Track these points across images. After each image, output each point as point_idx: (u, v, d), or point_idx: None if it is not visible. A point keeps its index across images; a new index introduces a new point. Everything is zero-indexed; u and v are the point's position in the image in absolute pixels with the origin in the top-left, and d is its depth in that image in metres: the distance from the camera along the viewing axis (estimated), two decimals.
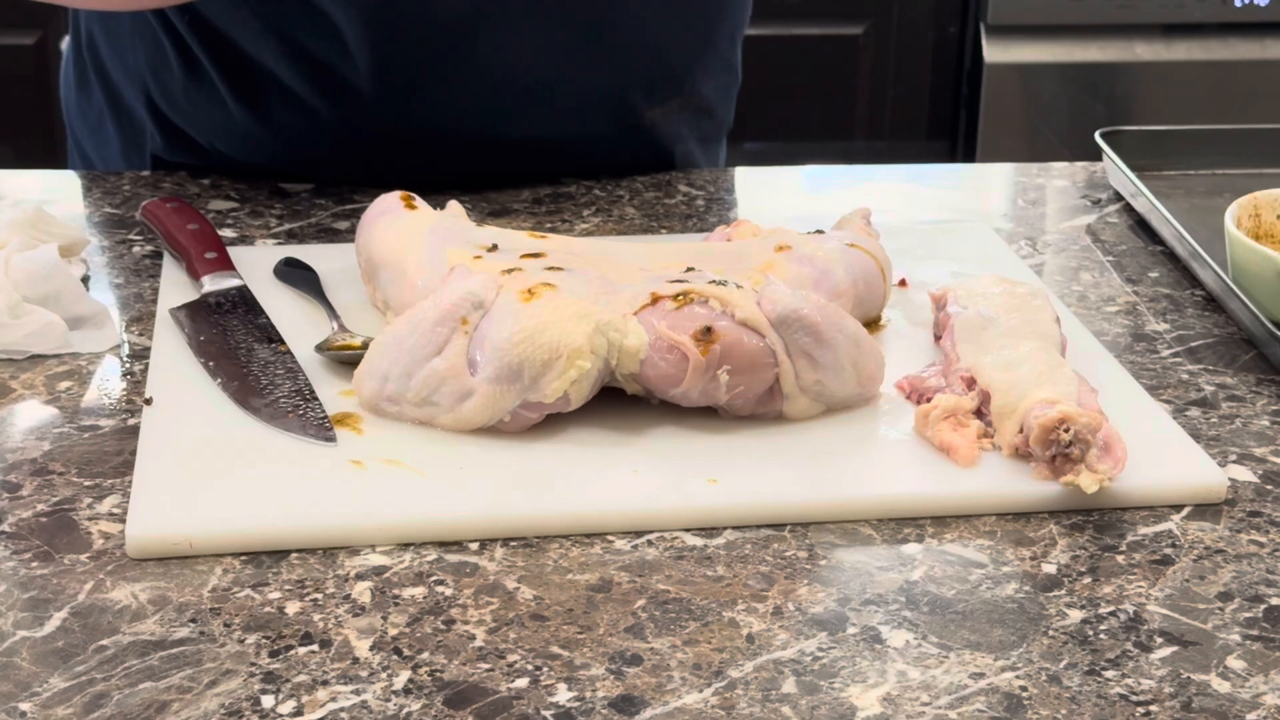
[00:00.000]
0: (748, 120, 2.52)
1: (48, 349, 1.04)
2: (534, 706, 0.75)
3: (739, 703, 0.75)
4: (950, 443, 0.93)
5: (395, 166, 1.31)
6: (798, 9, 2.56)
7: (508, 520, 0.87)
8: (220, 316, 1.06)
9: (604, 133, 1.36)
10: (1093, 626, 0.81)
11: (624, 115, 1.36)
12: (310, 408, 0.96)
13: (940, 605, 0.82)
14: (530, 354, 0.92)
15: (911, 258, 1.18)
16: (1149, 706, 0.76)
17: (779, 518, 0.89)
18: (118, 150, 1.42)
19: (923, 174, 1.46)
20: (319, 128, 1.31)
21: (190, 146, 1.36)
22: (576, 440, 0.95)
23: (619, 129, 1.36)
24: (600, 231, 1.26)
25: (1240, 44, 2.61)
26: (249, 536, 0.85)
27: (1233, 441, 0.98)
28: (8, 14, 2.42)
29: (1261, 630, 0.81)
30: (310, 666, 0.77)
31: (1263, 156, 1.39)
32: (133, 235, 1.22)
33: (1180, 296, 1.18)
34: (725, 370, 0.94)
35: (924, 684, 0.77)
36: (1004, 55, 2.56)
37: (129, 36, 1.37)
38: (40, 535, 0.86)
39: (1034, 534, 0.89)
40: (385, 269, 1.06)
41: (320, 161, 1.34)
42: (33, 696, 0.74)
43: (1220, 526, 0.90)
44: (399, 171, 1.30)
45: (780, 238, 1.07)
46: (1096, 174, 1.41)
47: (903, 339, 1.08)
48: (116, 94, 1.40)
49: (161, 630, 0.79)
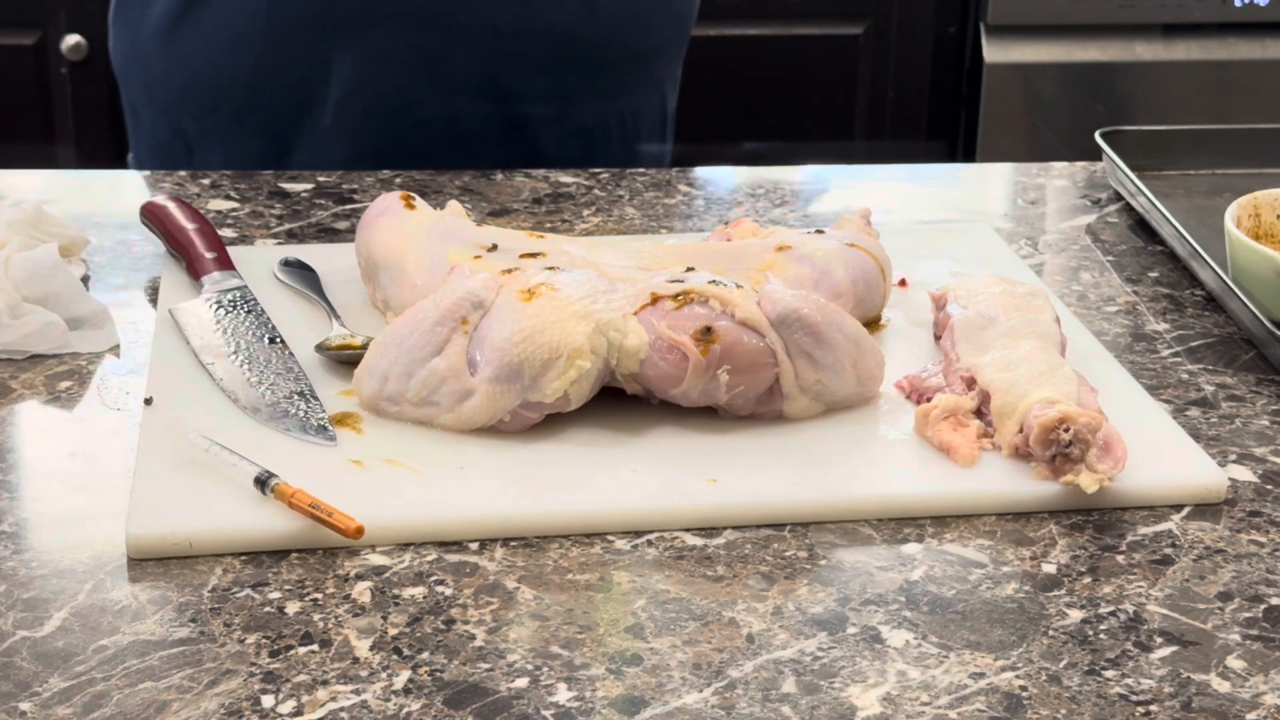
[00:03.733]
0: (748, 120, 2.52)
1: (48, 349, 1.04)
2: (534, 706, 0.75)
3: (739, 702, 0.75)
4: (950, 443, 0.93)
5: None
6: (798, 9, 2.55)
7: (508, 520, 0.87)
8: (220, 316, 1.06)
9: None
10: (1093, 626, 0.81)
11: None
12: (310, 408, 0.96)
13: (940, 605, 0.82)
14: (530, 354, 0.92)
15: (911, 258, 1.18)
16: (1149, 706, 0.76)
17: (779, 518, 0.89)
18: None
19: (923, 174, 1.46)
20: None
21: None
22: (576, 440, 0.95)
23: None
24: (600, 231, 1.26)
25: (1240, 44, 2.61)
26: (249, 536, 0.85)
27: (1233, 441, 0.98)
28: (8, 14, 2.42)
29: (1261, 630, 0.81)
30: (310, 666, 0.77)
31: (1263, 156, 1.39)
32: (133, 235, 1.22)
33: (1180, 296, 1.18)
34: (725, 370, 0.94)
35: (924, 684, 0.77)
36: (1004, 55, 2.56)
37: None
38: (40, 535, 0.86)
39: (1034, 534, 0.89)
40: (385, 269, 1.06)
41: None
42: (33, 696, 0.74)
43: (1220, 526, 0.90)
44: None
45: (780, 238, 1.07)
46: (1096, 174, 1.41)
47: (903, 339, 1.08)
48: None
49: (161, 630, 0.79)
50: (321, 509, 0.85)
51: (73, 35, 2.39)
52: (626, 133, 1.51)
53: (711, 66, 2.36)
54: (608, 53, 1.46)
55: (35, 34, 2.42)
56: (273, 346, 1.02)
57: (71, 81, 2.42)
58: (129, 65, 1.50)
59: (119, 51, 1.50)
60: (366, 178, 1.34)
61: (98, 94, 2.43)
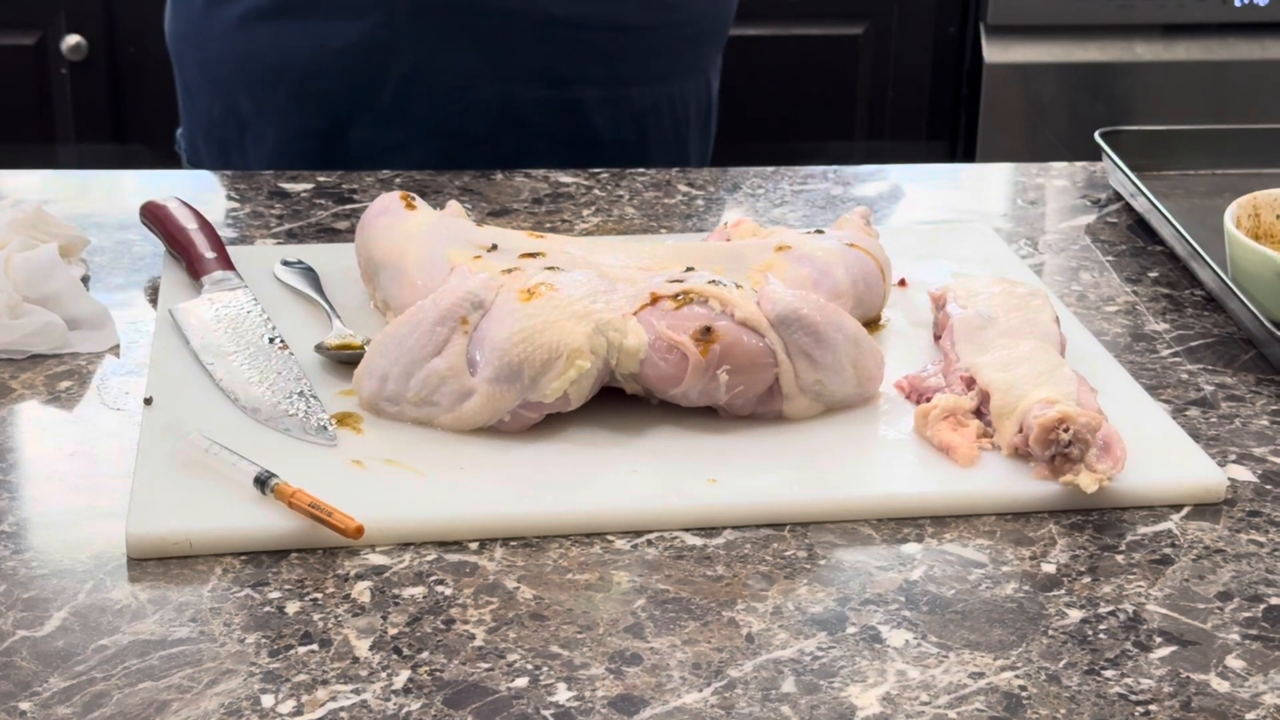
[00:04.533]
0: (748, 120, 2.52)
1: (48, 349, 1.04)
2: (534, 706, 0.75)
3: (739, 702, 0.75)
4: (950, 442, 0.93)
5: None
6: (798, 9, 2.55)
7: (508, 520, 0.87)
8: (220, 316, 1.06)
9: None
10: (1092, 626, 0.81)
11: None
12: (310, 408, 0.96)
13: (940, 605, 0.82)
14: (530, 354, 0.92)
15: (911, 258, 1.18)
16: (1148, 706, 0.76)
17: (779, 518, 0.89)
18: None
19: (923, 174, 1.46)
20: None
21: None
22: (576, 440, 0.95)
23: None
24: (600, 231, 1.26)
25: (1240, 44, 2.61)
26: (249, 536, 0.85)
27: (1232, 441, 0.98)
28: (8, 14, 2.42)
29: (1261, 630, 0.81)
30: (310, 666, 0.77)
31: (1263, 156, 1.39)
32: (133, 235, 1.22)
33: (1180, 296, 1.18)
34: (725, 370, 0.94)
35: (924, 684, 0.77)
36: (1004, 55, 2.56)
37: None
38: (40, 535, 0.87)
39: (1034, 534, 0.89)
40: (385, 269, 1.06)
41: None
42: (33, 696, 0.74)
43: (1220, 526, 0.90)
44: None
45: (780, 238, 1.07)
46: (1096, 174, 1.41)
47: (903, 339, 1.08)
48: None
49: (161, 630, 0.79)
50: (321, 509, 0.85)
51: (73, 35, 2.39)
52: (677, 116, 1.54)
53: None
54: (658, 38, 1.49)
55: (35, 34, 2.42)
56: (273, 346, 1.02)
57: (71, 81, 2.42)
58: (184, 43, 1.51)
59: (175, 28, 1.52)
60: (366, 178, 1.34)
61: (98, 94, 2.44)
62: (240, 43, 1.46)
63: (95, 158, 2.44)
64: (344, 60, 1.43)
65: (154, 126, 2.44)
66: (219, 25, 1.46)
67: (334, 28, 1.42)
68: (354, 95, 1.45)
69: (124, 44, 2.42)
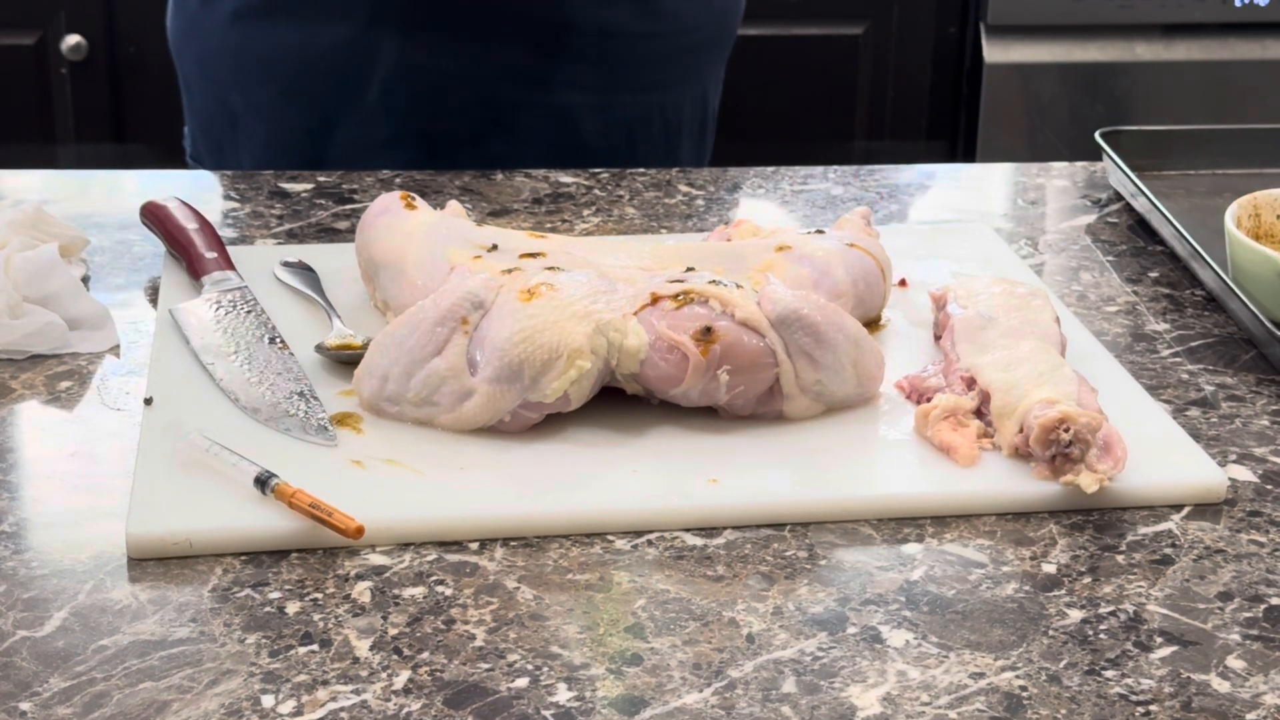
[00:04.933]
0: (748, 120, 2.52)
1: (48, 349, 1.04)
2: (534, 706, 0.75)
3: (739, 702, 0.75)
4: (950, 443, 0.93)
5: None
6: (798, 9, 2.55)
7: (508, 520, 0.87)
8: (220, 316, 1.06)
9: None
10: (1093, 626, 0.81)
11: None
12: (310, 408, 0.96)
13: (940, 605, 0.82)
14: (530, 354, 0.92)
15: (911, 258, 1.18)
16: (1149, 706, 0.76)
17: (779, 518, 0.89)
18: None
19: (923, 174, 1.46)
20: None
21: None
22: (576, 440, 0.95)
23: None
24: (600, 231, 1.26)
25: (1240, 44, 2.61)
26: (249, 536, 0.85)
27: (1233, 441, 0.98)
28: (8, 14, 2.42)
29: (1261, 630, 0.81)
30: (310, 666, 0.77)
31: (1263, 156, 1.39)
32: (133, 235, 1.22)
33: (1180, 296, 1.18)
34: (725, 370, 0.94)
35: (924, 684, 0.77)
36: (1004, 55, 2.56)
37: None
38: (40, 535, 0.86)
39: (1034, 534, 0.89)
40: (385, 269, 1.06)
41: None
42: (33, 696, 0.74)
43: (1220, 526, 0.90)
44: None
45: (780, 238, 1.07)
46: (1096, 174, 1.41)
47: (903, 339, 1.08)
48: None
49: (161, 630, 0.79)
50: (321, 509, 0.85)
51: (73, 35, 2.39)
52: (669, 127, 1.53)
53: None
54: (650, 47, 1.48)
55: (35, 34, 2.42)
56: (273, 346, 1.02)
57: (71, 81, 2.42)
58: (184, 40, 1.52)
59: (175, 26, 1.53)
60: (366, 178, 1.34)
61: (98, 94, 2.43)
62: (232, 40, 1.46)
63: (95, 158, 2.44)
64: (330, 59, 1.43)
65: (154, 126, 2.44)
66: (213, 22, 1.46)
67: (320, 26, 1.43)
68: (340, 94, 1.45)
69: (124, 44, 2.42)
